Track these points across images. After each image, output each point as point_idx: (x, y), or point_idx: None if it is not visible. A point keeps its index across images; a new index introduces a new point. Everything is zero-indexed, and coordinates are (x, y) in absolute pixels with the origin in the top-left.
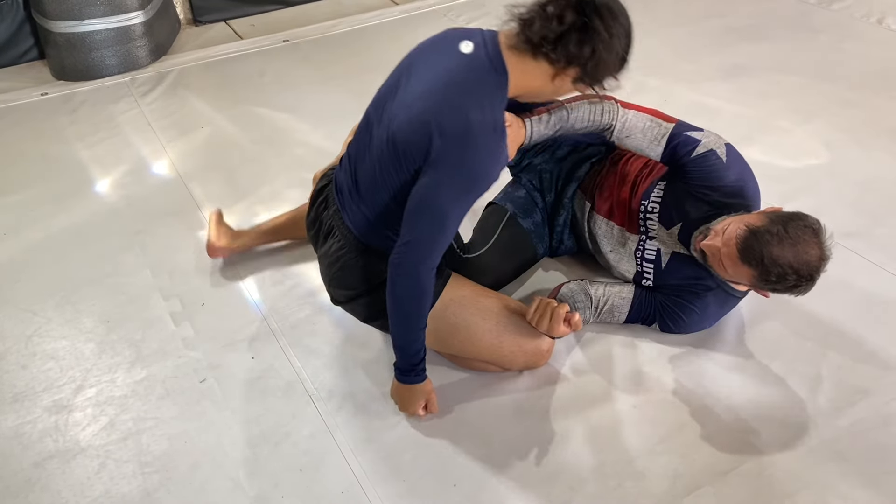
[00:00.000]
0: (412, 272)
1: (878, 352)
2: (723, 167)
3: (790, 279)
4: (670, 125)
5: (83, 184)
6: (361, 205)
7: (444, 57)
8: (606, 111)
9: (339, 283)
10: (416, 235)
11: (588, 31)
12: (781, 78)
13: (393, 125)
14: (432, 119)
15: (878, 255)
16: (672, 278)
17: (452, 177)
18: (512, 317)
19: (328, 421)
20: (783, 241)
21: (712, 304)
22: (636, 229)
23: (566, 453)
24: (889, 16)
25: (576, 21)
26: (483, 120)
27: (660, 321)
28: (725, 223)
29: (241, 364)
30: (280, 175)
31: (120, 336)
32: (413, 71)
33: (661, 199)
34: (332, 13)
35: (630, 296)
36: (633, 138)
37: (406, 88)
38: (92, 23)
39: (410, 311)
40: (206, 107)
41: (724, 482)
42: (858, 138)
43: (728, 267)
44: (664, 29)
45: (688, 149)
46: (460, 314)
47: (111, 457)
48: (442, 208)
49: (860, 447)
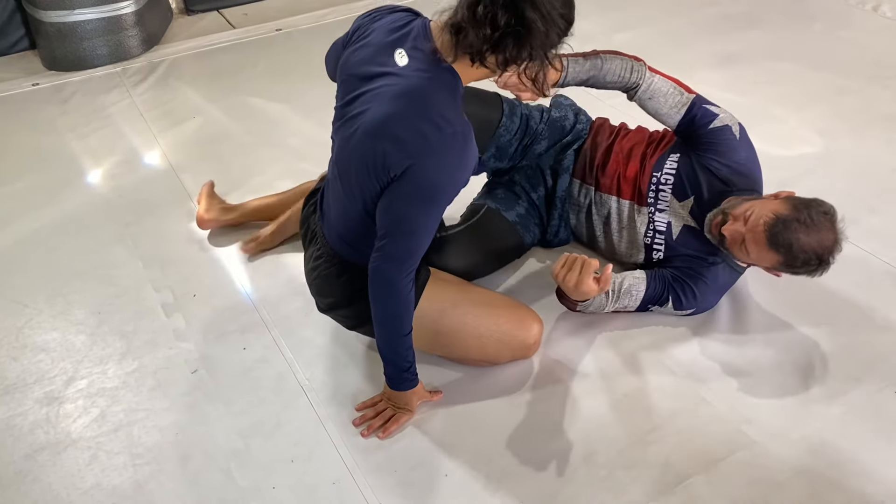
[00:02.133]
0: (389, 281)
1: (870, 340)
2: (736, 144)
3: (813, 264)
4: (692, 95)
5: (74, 175)
6: (335, 224)
7: (385, 70)
8: (636, 70)
9: (319, 291)
10: (388, 245)
11: (523, 31)
12: (776, 66)
13: (350, 147)
14: (390, 136)
15: (871, 244)
16: (682, 249)
17: (418, 191)
18: (493, 315)
19: (320, 412)
20: (809, 228)
21: (721, 275)
22: (645, 201)
23: (557, 443)
24: (884, 3)
25: (509, 21)
26: (441, 129)
27: (673, 297)
28: (745, 208)
29: (233, 355)
30: (272, 165)
31: (111, 328)
32: (359, 86)
33: (676, 171)
34: (324, 2)
35: (643, 275)
36: (655, 101)
37: (357, 107)
38: (83, 12)
39: (391, 317)
40: (198, 97)
41: (715, 470)
42: (852, 126)
43: (752, 251)
44: (659, 17)
45: (706, 120)
46: (441, 320)
47: (102, 448)
48: (411, 220)
49: (852, 435)
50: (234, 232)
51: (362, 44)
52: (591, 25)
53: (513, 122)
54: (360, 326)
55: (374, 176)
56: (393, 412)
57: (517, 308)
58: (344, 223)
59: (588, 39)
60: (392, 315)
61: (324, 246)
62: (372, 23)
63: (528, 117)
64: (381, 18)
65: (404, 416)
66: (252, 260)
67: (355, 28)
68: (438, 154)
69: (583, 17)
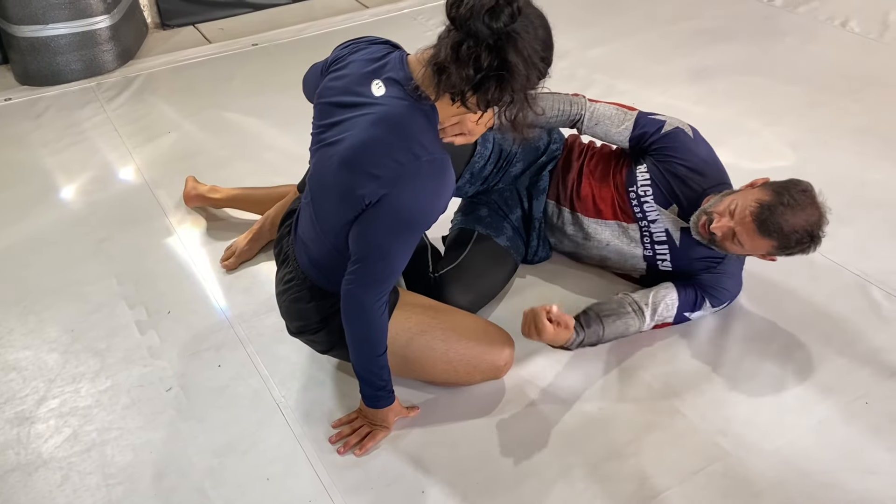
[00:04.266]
0: (361, 305)
1: (843, 350)
2: (692, 143)
3: (805, 242)
4: (634, 112)
5: (48, 191)
6: (307, 248)
7: (362, 100)
8: (575, 102)
9: (289, 314)
10: (362, 270)
11: (506, 75)
12: (748, 80)
13: (326, 175)
14: (366, 164)
15: (842, 255)
16: (693, 254)
17: (393, 218)
18: (462, 339)
19: (296, 429)
20: (794, 209)
21: (734, 261)
22: (633, 218)
23: (533, 458)
24: (852, 19)
25: (491, 64)
26: (419, 157)
27: (710, 298)
28: (727, 203)
29: (208, 372)
30: (248, 180)
31: (84, 345)
32: (336, 114)
33: (650, 179)
34: (301, 17)
35: (671, 284)
36: (602, 125)
37: (334, 134)
38: (56, 27)
39: (365, 340)
40: (173, 112)
41: (691, 483)
42: (823, 139)
43: (745, 243)
44: (633, 33)
45: (655, 128)
46: (409, 346)
47: (74, 469)
48: (385, 246)
49: (825, 445)
50: (209, 244)
51: (340, 74)
52: (565, 41)
53: (486, 149)
54: (331, 350)
55: (349, 203)
56: (369, 429)
57: (487, 330)
58: (316, 248)
59: (562, 56)
60: (365, 337)
61: (295, 269)
62: (350, 54)
63: (502, 140)
64: (360, 50)
65: (381, 432)
66: (227, 274)
67: (334, 58)
68: (415, 182)
69: (556, 32)
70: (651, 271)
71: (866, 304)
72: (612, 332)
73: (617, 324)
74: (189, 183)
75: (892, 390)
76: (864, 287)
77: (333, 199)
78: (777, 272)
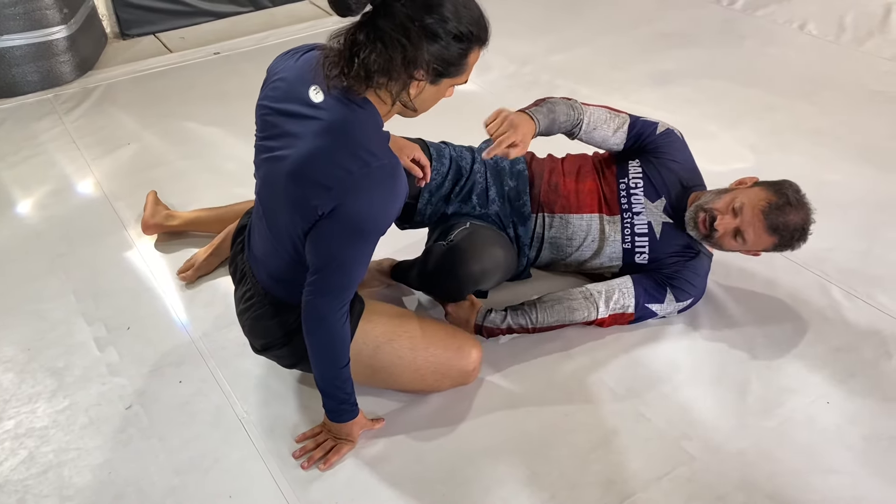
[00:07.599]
0: (322, 315)
1: (804, 351)
2: (682, 144)
3: (799, 238)
4: (625, 114)
5: (3, 205)
6: (264, 263)
7: (302, 110)
8: (575, 106)
9: (252, 332)
10: (320, 280)
11: (383, 43)
12: (708, 83)
13: (275, 188)
14: (316, 175)
15: (802, 256)
16: (669, 247)
17: (348, 227)
18: (430, 346)
19: (258, 445)
20: (796, 208)
21: (704, 263)
22: (617, 209)
23: (499, 466)
24: (810, 22)
25: (368, 36)
26: (368, 163)
27: (672, 290)
28: (727, 201)
29: (169, 389)
30: (210, 191)
31: (41, 364)
32: (279, 122)
33: (642, 173)
34: (263, 25)
35: (626, 277)
36: (599, 129)
37: (280, 145)
38: (10, 38)
39: (326, 351)
40: (133, 122)
41: (656, 487)
42: (782, 141)
43: (749, 239)
44: (595, 37)
45: (651, 128)
46: (376, 356)
47: (30, 492)
48: (342, 255)
49: (788, 446)
50: (170, 258)
51: (277, 84)
52: (527, 47)
53: (442, 164)
54: (298, 364)
55: (302, 216)
56: (334, 443)
57: (454, 336)
58: (273, 262)
59: (526, 62)
60: (327, 349)
61: (254, 286)
62: (284, 61)
63: (458, 158)
64: (295, 57)
65: (345, 446)
66: (189, 288)
67: (271, 66)
68: (366, 189)
69: (518, 39)
70: (626, 267)
71: (826, 304)
72: (552, 316)
73: (556, 308)
74: (148, 208)
75: (852, 390)
76: (824, 288)
77: (286, 211)
78: (739, 274)
